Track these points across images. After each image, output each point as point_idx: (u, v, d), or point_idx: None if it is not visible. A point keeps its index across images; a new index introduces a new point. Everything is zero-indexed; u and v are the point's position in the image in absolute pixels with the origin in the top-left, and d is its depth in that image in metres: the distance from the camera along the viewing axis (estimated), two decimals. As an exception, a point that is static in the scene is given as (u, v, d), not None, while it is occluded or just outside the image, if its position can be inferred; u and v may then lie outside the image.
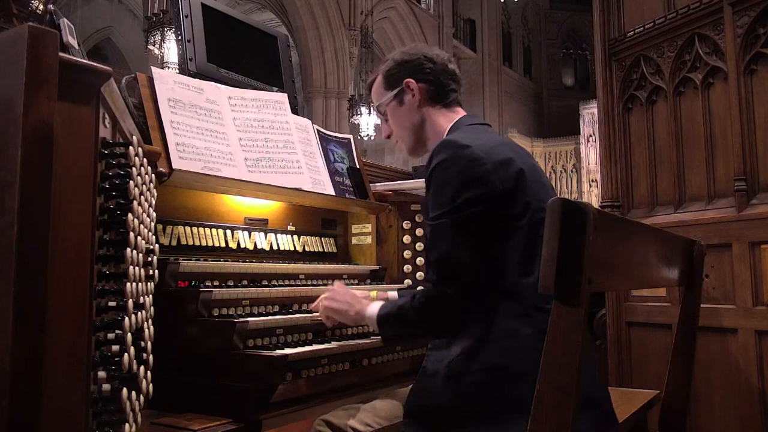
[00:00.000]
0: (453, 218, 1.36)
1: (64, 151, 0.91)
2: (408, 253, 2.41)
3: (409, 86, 1.63)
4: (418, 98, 1.63)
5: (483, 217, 1.36)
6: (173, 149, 1.71)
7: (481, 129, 1.57)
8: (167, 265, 1.58)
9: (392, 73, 1.67)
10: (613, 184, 3.00)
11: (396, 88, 1.65)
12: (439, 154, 1.42)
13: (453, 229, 1.37)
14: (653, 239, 1.30)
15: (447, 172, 1.39)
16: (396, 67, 1.66)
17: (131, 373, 1.04)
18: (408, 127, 1.66)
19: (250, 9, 13.80)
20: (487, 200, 1.36)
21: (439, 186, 1.41)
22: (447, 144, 1.43)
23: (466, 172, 1.37)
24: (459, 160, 1.39)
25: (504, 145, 1.49)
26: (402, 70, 1.65)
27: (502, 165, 1.40)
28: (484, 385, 1.32)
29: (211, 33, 2.18)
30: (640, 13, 2.96)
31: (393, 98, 1.66)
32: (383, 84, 1.69)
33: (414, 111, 1.64)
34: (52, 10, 1.38)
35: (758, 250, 2.39)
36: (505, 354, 1.32)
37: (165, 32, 8.47)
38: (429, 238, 1.45)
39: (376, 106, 1.74)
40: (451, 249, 1.37)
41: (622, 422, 1.81)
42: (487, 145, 1.42)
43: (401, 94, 1.65)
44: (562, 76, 23.26)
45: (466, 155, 1.39)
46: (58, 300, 0.89)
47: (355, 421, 1.55)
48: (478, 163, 1.38)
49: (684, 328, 1.61)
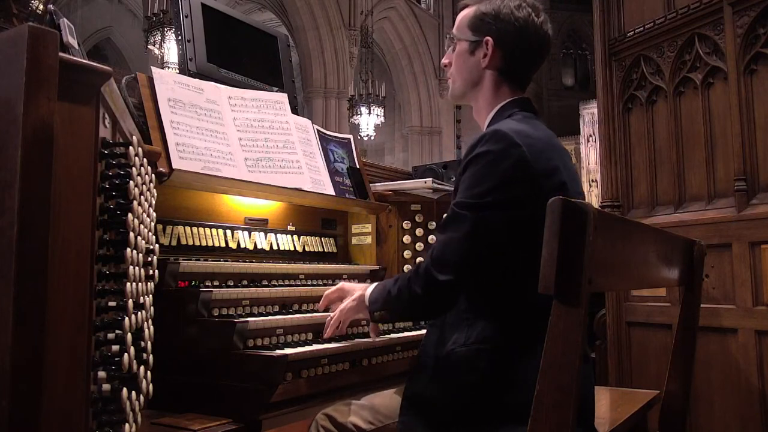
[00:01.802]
0: (476, 214, 1.33)
1: (64, 151, 0.91)
2: (408, 253, 2.41)
3: (487, 45, 1.53)
4: (488, 61, 1.54)
5: (509, 222, 1.32)
6: (173, 149, 1.71)
7: (533, 123, 1.50)
8: (167, 265, 1.58)
9: (483, 19, 1.54)
10: (613, 184, 3.00)
11: (476, 37, 1.55)
12: (488, 143, 1.36)
13: (471, 223, 1.33)
14: (653, 239, 1.30)
15: (490, 166, 1.34)
16: (492, 16, 1.53)
17: (131, 373, 1.04)
18: (465, 77, 1.59)
19: (250, 9, 13.79)
20: (519, 205, 1.32)
21: (476, 176, 1.36)
22: (500, 136, 1.36)
23: (508, 172, 1.33)
24: (506, 158, 1.33)
25: (552, 149, 1.44)
26: (494, 24, 1.53)
27: (547, 174, 1.36)
28: (483, 387, 1.32)
29: (211, 33, 2.18)
30: (640, 13, 2.96)
31: (467, 43, 1.57)
32: (469, 21, 1.58)
33: (478, 69, 1.56)
34: (52, 10, 1.38)
35: (758, 250, 2.39)
36: (513, 360, 1.32)
37: (165, 32, 8.49)
38: (445, 217, 1.41)
39: (450, 35, 1.63)
40: (460, 241, 1.34)
41: (622, 422, 1.81)
42: (536, 146, 1.37)
43: (476, 46, 1.55)
44: (562, 76, 23.24)
45: (514, 155, 1.33)
46: (58, 300, 0.89)
47: (357, 417, 1.55)
48: (524, 167, 1.33)
49: (684, 328, 1.61)
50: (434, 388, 1.38)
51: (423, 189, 2.45)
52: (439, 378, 1.38)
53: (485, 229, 1.33)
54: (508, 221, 1.32)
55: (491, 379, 1.33)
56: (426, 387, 1.39)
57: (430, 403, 1.37)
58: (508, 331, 1.35)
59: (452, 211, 1.38)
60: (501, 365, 1.33)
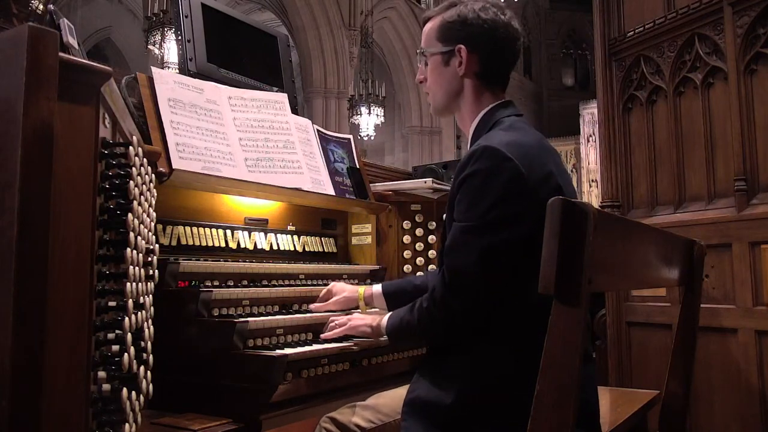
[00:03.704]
0: (480, 234, 1.32)
1: (64, 151, 0.91)
2: (408, 253, 2.41)
3: (461, 53, 1.51)
4: (464, 69, 1.52)
5: (514, 238, 1.30)
6: (173, 149, 1.71)
7: (520, 127, 1.48)
8: (167, 265, 1.58)
9: (450, 28, 1.53)
10: (613, 184, 3.00)
11: (447, 47, 1.53)
12: (479, 161, 1.34)
13: (477, 244, 1.32)
14: (653, 239, 1.30)
15: (485, 185, 1.33)
16: (459, 23, 1.51)
17: (131, 373, 1.04)
18: (445, 89, 1.57)
19: (250, 9, 13.80)
20: (521, 220, 1.31)
21: (473, 196, 1.34)
22: (490, 153, 1.34)
23: (505, 188, 1.32)
24: (500, 175, 1.32)
25: (544, 153, 1.43)
26: (463, 30, 1.51)
27: (543, 182, 1.35)
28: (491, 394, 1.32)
29: (211, 33, 2.18)
30: (640, 13, 2.96)
31: (440, 55, 1.55)
32: (437, 33, 1.55)
33: (456, 78, 1.54)
34: (52, 10, 1.38)
35: (758, 250, 2.39)
36: (515, 365, 1.31)
37: (165, 32, 8.49)
38: (449, 241, 1.39)
39: (421, 50, 1.61)
40: (469, 263, 1.33)
41: (622, 422, 1.81)
42: (529, 155, 1.36)
43: (449, 56, 1.53)
44: (562, 76, 23.24)
45: (508, 169, 1.32)
46: (58, 300, 0.89)
47: (359, 418, 1.56)
48: (519, 180, 1.32)
49: (684, 328, 1.61)
50: (436, 391, 1.37)
51: (423, 189, 2.46)
52: (439, 383, 1.38)
53: (491, 249, 1.31)
54: (513, 238, 1.31)
55: (498, 382, 1.33)
56: (429, 390, 1.39)
57: (432, 406, 1.36)
58: (511, 339, 1.35)
59: (456, 236, 1.37)
60: (504, 370, 1.33)
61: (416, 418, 1.37)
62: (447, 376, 1.37)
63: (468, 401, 1.33)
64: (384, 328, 1.54)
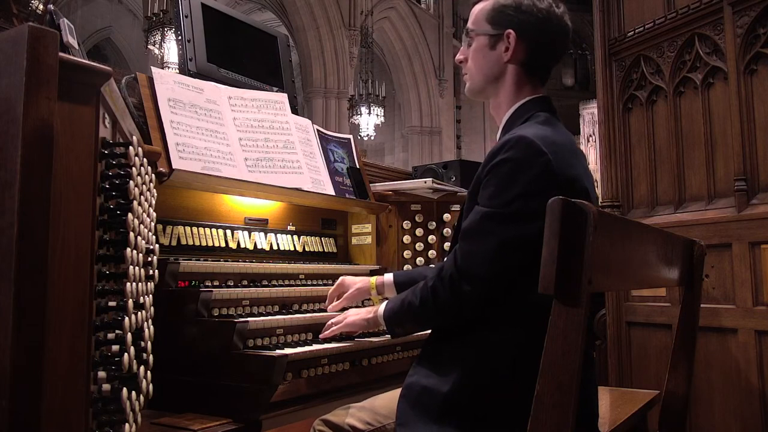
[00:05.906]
0: (502, 225, 1.30)
1: (64, 151, 0.91)
2: (408, 253, 2.41)
3: (509, 39, 1.48)
4: (510, 55, 1.49)
5: (534, 233, 1.26)
6: (173, 149, 1.71)
7: (555, 125, 1.47)
8: (167, 265, 1.58)
9: (503, 11, 1.49)
10: (613, 184, 3.00)
11: (496, 30, 1.49)
12: (512, 149, 1.32)
13: (497, 236, 1.31)
14: (653, 239, 1.30)
15: (514, 174, 1.31)
16: (513, 8, 1.48)
17: (131, 373, 1.04)
18: (486, 73, 1.53)
19: (250, 9, 13.80)
20: (543, 217, 1.31)
21: (501, 183, 1.32)
22: (526, 143, 1.32)
23: (534, 181, 1.30)
24: (532, 167, 1.30)
25: (574, 155, 1.42)
26: (516, 16, 1.47)
27: (570, 183, 1.34)
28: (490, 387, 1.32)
29: (211, 33, 2.18)
30: (640, 13, 2.96)
31: (487, 37, 1.51)
32: (488, 14, 1.52)
33: (498, 63, 1.51)
34: (52, 10, 1.38)
35: (758, 250, 2.39)
36: (515, 357, 1.31)
37: (165, 32, 8.50)
38: (468, 224, 1.37)
39: (468, 29, 1.57)
40: (486, 254, 1.31)
41: (622, 422, 1.81)
42: (560, 153, 1.35)
43: (497, 39, 1.50)
44: (562, 76, 23.23)
45: (540, 164, 1.30)
46: (58, 300, 0.89)
47: (353, 419, 1.55)
48: (550, 176, 1.30)
49: (684, 328, 1.61)
50: (434, 378, 1.36)
51: (423, 189, 2.46)
52: (438, 370, 1.37)
53: (511, 241, 1.30)
54: (532, 233, 1.28)
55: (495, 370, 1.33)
56: (427, 376, 1.38)
57: (429, 392, 1.35)
58: (514, 331, 1.35)
59: (477, 219, 1.35)
60: (504, 361, 1.33)
61: (411, 402, 1.36)
62: (446, 363, 1.36)
63: (465, 390, 1.32)
64: (381, 315, 1.52)
